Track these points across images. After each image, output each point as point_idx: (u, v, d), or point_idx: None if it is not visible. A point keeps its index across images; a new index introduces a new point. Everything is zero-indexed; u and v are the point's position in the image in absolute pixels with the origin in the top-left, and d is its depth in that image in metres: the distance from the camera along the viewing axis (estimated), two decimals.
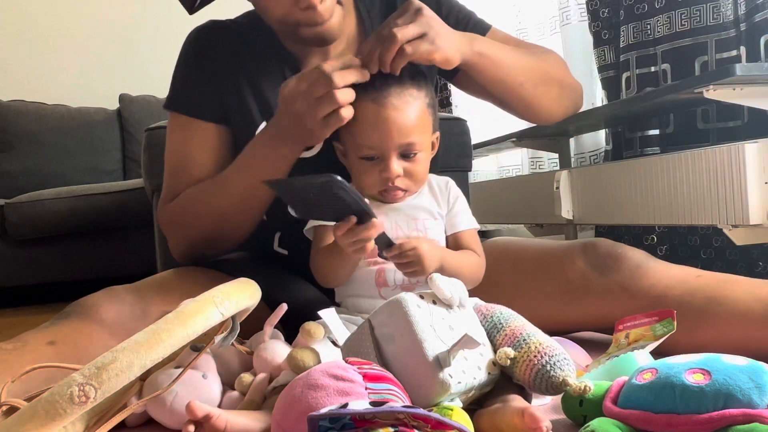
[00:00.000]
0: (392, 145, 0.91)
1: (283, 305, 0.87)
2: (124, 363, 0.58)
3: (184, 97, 1.11)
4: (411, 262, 0.86)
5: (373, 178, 0.93)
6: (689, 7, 1.71)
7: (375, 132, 0.90)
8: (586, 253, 1.03)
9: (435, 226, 0.97)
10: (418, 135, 0.92)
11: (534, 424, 0.62)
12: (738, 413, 0.57)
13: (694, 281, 0.94)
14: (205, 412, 0.65)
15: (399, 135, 0.90)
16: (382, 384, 0.62)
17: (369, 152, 0.92)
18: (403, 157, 0.92)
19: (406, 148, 0.92)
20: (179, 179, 1.09)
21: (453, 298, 0.75)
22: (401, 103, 0.91)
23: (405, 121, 0.91)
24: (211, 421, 0.65)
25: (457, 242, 0.98)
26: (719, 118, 1.70)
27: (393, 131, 0.90)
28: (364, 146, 0.92)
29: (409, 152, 0.93)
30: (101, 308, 0.92)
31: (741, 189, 1.21)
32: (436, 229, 0.97)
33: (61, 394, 0.55)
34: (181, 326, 0.63)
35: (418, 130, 0.92)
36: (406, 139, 0.91)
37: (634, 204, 1.50)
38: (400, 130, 0.90)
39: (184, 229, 1.08)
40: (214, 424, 0.65)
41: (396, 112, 0.90)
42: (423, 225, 0.95)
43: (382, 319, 0.73)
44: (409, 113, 0.91)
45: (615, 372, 0.74)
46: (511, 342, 0.75)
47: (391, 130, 0.90)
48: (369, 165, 0.93)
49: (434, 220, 0.97)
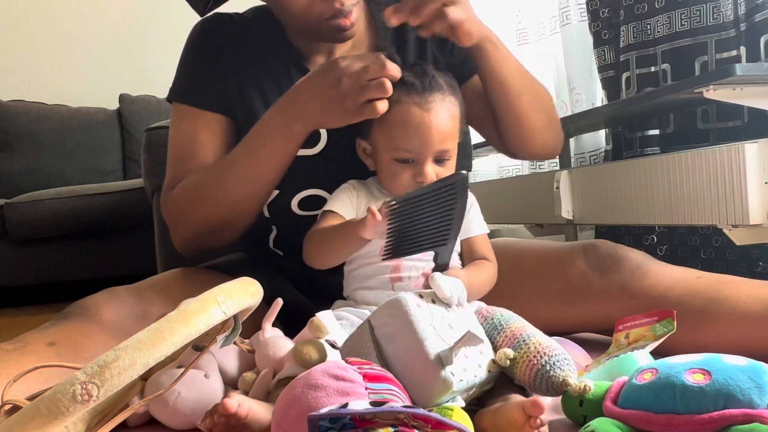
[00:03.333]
0: (431, 150, 0.92)
1: (278, 300, 0.87)
2: (126, 361, 0.58)
3: (190, 88, 1.10)
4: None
5: (405, 181, 0.93)
6: (689, 7, 1.71)
7: (416, 136, 0.91)
8: (586, 254, 1.03)
9: None
10: (453, 142, 0.94)
11: (537, 412, 0.63)
12: (738, 413, 0.57)
13: (694, 282, 0.94)
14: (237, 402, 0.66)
15: (439, 141, 0.91)
16: (382, 384, 0.62)
17: (406, 155, 0.92)
18: (436, 162, 0.93)
19: (441, 154, 0.93)
20: (185, 166, 1.07)
21: (452, 297, 0.76)
22: (443, 109, 0.92)
23: (445, 127, 0.92)
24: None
25: (471, 247, 0.99)
26: (719, 118, 1.70)
27: (434, 137, 0.91)
28: (402, 149, 0.92)
29: (443, 158, 0.94)
30: (102, 309, 0.92)
31: (741, 189, 1.21)
32: None
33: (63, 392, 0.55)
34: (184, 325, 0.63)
35: (453, 137, 0.94)
36: (444, 146, 0.92)
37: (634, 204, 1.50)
38: (440, 136, 0.91)
39: (188, 215, 1.06)
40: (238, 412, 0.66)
41: (438, 119, 0.91)
42: None
43: (382, 318, 0.73)
44: (448, 119, 0.92)
45: (615, 372, 0.74)
46: (511, 343, 0.76)
47: (433, 135, 0.91)
48: (402, 167, 0.93)
49: None
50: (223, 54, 1.09)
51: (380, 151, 0.95)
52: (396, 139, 0.92)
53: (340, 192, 0.99)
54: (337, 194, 0.98)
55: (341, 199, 0.97)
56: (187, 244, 1.10)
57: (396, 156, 0.93)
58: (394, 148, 0.92)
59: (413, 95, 0.91)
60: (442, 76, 0.95)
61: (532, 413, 0.63)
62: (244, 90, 1.08)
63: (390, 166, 0.94)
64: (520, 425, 0.64)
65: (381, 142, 0.94)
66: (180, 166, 1.08)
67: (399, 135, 0.91)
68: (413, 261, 0.92)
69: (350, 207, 0.96)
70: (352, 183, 1.00)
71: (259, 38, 1.11)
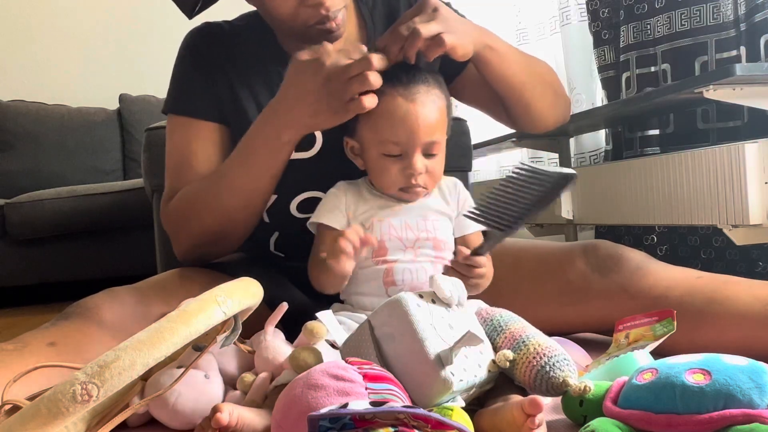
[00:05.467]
0: (418, 141, 0.91)
1: (283, 304, 0.87)
2: (126, 361, 0.58)
3: (184, 99, 1.11)
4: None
5: (395, 176, 0.92)
6: (689, 7, 1.71)
7: (402, 127, 0.90)
8: (586, 255, 1.03)
9: (444, 226, 0.97)
10: (440, 134, 0.93)
11: (535, 410, 0.63)
12: (738, 413, 0.57)
13: (694, 282, 0.94)
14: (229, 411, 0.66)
15: (425, 132, 0.90)
16: (382, 384, 0.62)
17: (394, 149, 0.91)
18: (425, 155, 0.92)
19: (429, 146, 0.92)
20: (182, 176, 1.08)
21: (453, 297, 0.76)
22: (428, 100, 0.91)
23: (431, 118, 0.91)
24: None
25: (467, 244, 0.98)
26: (719, 118, 1.70)
27: (421, 127, 0.90)
28: (390, 142, 0.91)
29: (431, 151, 0.93)
30: (102, 309, 0.92)
31: (741, 189, 1.21)
32: (445, 229, 0.97)
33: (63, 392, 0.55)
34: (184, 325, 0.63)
35: (440, 130, 0.93)
36: (431, 137, 0.91)
37: (634, 204, 1.50)
38: (427, 127, 0.90)
39: (187, 227, 1.07)
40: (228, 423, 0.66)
41: (424, 109, 0.90)
42: (432, 225, 0.95)
43: (382, 318, 0.73)
44: (434, 111, 0.92)
45: (615, 372, 0.74)
46: (511, 344, 0.76)
47: (420, 126, 0.90)
48: (391, 162, 0.92)
49: (443, 220, 0.97)
50: (213, 62, 1.10)
51: (368, 147, 0.94)
52: (382, 131, 0.91)
53: (327, 200, 0.98)
54: (325, 203, 0.98)
55: (328, 209, 0.96)
56: (187, 254, 1.10)
57: (384, 150, 0.92)
58: (381, 142, 0.92)
59: (398, 87, 0.90)
60: (427, 70, 0.94)
61: (530, 412, 0.63)
62: (237, 96, 1.08)
63: (378, 162, 0.93)
64: (519, 425, 0.64)
65: (368, 137, 0.94)
66: (177, 176, 1.09)
67: (385, 127, 0.91)
68: (405, 264, 0.92)
69: (339, 214, 0.96)
70: (341, 186, 0.99)
71: (249, 44, 1.11)
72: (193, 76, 1.11)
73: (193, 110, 1.09)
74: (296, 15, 0.98)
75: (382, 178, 0.94)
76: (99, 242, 2.65)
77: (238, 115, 1.08)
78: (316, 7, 0.96)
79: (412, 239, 0.92)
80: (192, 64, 1.12)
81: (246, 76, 1.09)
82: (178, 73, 1.13)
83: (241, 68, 1.10)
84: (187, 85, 1.11)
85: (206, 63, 1.10)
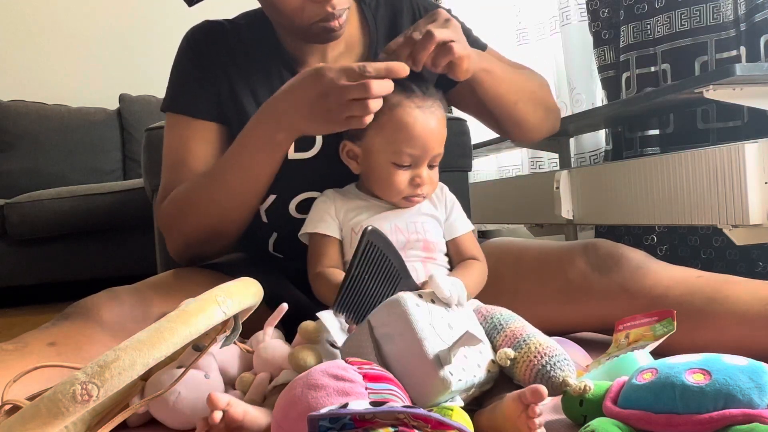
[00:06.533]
0: (431, 154, 0.93)
1: (283, 305, 0.87)
2: (126, 361, 0.58)
3: (182, 97, 1.11)
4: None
5: (402, 185, 0.93)
6: (689, 7, 1.71)
7: (420, 140, 0.91)
8: (586, 254, 1.03)
9: (433, 228, 0.97)
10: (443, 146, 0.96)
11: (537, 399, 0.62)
12: (738, 413, 0.57)
13: (694, 282, 0.94)
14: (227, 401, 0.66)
15: (438, 145, 0.93)
16: (382, 384, 0.62)
17: (407, 159, 0.92)
18: (428, 166, 0.94)
19: (435, 158, 0.94)
20: (179, 175, 1.08)
21: (452, 297, 0.76)
22: (441, 114, 0.94)
23: (443, 132, 0.94)
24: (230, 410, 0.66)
25: (458, 247, 0.99)
26: (719, 118, 1.70)
27: (434, 140, 0.92)
28: (405, 153, 0.92)
29: (435, 162, 0.95)
30: (102, 309, 0.92)
31: (741, 189, 1.21)
32: (434, 231, 0.97)
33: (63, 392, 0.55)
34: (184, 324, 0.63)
35: (444, 141, 0.96)
36: (440, 150, 0.94)
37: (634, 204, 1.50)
38: (439, 139, 0.93)
39: (180, 225, 1.07)
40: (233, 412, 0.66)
41: (438, 123, 0.93)
42: (422, 227, 0.96)
43: (382, 318, 0.73)
44: (444, 125, 0.95)
45: (615, 372, 0.74)
46: (511, 343, 0.76)
47: (434, 139, 0.92)
48: (399, 171, 0.93)
49: (433, 222, 0.98)
50: (213, 61, 1.10)
51: (376, 155, 0.94)
52: (398, 142, 0.91)
53: (316, 209, 0.98)
54: (314, 213, 0.98)
55: (318, 218, 0.96)
56: (181, 252, 1.11)
57: (395, 159, 0.92)
58: (395, 152, 0.92)
59: (415, 99, 0.91)
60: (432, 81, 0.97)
61: (531, 401, 0.63)
62: (237, 95, 1.08)
63: (386, 169, 0.93)
64: (516, 417, 0.64)
65: (378, 146, 0.94)
66: (173, 175, 1.09)
67: (402, 139, 0.91)
68: None
69: (330, 220, 0.96)
70: (328, 194, 0.99)
71: (250, 43, 1.11)
72: (193, 75, 1.11)
73: (192, 109, 1.09)
74: (302, 10, 0.98)
75: (387, 186, 0.95)
76: (99, 242, 2.65)
77: (237, 113, 1.08)
78: (322, 4, 0.97)
79: (402, 241, 0.93)
80: (191, 62, 1.12)
81: (246, 74, 1.09)
82: (178, 71, 1.13)
83: (242, 66, 1.10)
84: (186, 83, 1.11)
85: (206, 61, 1.10)
